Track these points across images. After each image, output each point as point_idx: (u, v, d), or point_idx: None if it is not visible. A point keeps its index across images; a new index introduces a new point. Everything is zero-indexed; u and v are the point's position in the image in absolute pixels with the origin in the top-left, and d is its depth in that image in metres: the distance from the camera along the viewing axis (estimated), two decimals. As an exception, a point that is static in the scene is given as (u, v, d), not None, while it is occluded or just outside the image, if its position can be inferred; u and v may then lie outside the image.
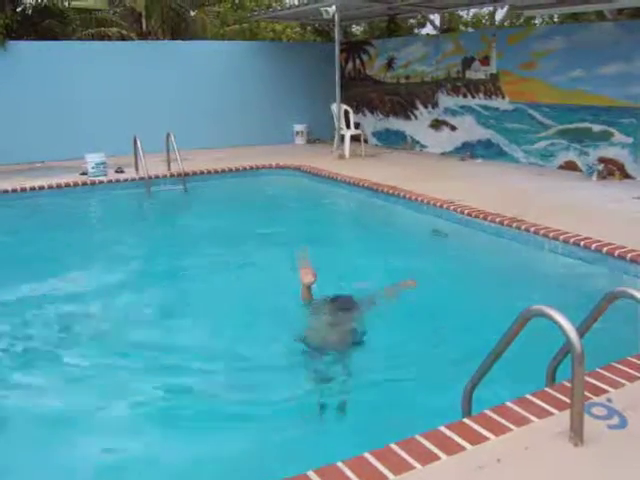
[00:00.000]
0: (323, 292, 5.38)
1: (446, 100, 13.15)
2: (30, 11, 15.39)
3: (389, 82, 14.57)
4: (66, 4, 15.71)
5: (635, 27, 9.65)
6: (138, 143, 10.35)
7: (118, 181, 10.74)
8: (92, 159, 10.68)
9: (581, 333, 2.90)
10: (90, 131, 12.53)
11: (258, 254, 7.34)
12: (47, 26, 15.19)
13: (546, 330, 3.10)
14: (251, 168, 11.93)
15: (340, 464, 2.70)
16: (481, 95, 12.33)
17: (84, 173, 10.77)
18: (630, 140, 9.72)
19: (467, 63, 12.53)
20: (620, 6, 10.31)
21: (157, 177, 10.76)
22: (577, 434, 2.85)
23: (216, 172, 11.55)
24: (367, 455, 2.76)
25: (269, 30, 21.02)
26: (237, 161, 12.18)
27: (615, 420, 3.05)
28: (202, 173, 11.36)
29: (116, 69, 13.21)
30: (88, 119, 12.82)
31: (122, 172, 11.06)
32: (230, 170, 11.73)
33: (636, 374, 3.48)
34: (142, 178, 10.56)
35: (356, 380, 4.36)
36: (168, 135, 10.70)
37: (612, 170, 9.87)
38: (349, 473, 2.64)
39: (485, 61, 12.14)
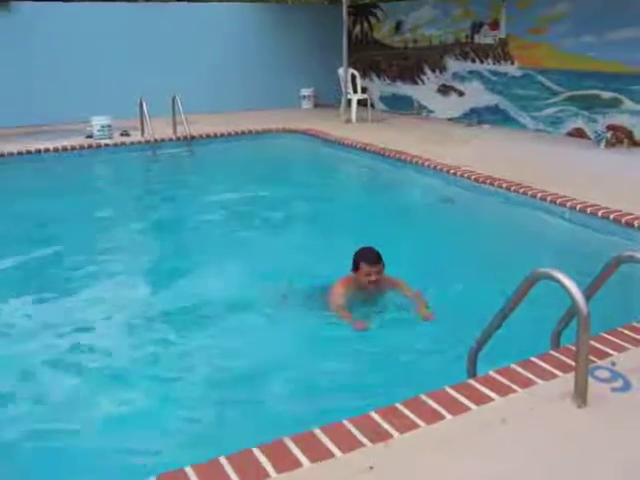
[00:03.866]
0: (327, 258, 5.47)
1: (454, 65, 13.01)
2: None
3: (397, 46, 14.40)
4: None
5: (647, -9, 9.49)
6: (144, 106, 10.30)
7: (124, 144, 10.70)
8: (98, 122, 10.63)
9: (587, 296, 2.91)
10: (95, 94, 12.40)
11: (265, 216, 7.39)
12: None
13: (552, 294, 3.12)
14: (257, 132, 11.87)
15: (346, 422, 2.73)
16: (489, 60, 12.19)
17: (90, 136, 10.72)
18: (640, 107, 9.63)
19: (476, 27, 12.38)
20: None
21: (163, 140, 10.72)
22: (581, 396, 2.87)
23: (222, 135, 11.49)
24: (372, 414, 2.79)
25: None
26: (243, 124, 12.10)
27: (619, 383, 3.07)
28: (208, 136, 11.31)
29: (119, 32, 13.02)
30: (93, 82, 12.68)
31: (128, 135, 11.01)
32: (236, 133, 11.67)
33: (641, 338, 3.50)
34: (148, 141, 10.53)
35: (360, 338, 4.39)
36: (174, 98, 10.64)
37: (621, 138, 9.79)
38: (354, 431, 2.67)
39: (494, 25, 11.98)
